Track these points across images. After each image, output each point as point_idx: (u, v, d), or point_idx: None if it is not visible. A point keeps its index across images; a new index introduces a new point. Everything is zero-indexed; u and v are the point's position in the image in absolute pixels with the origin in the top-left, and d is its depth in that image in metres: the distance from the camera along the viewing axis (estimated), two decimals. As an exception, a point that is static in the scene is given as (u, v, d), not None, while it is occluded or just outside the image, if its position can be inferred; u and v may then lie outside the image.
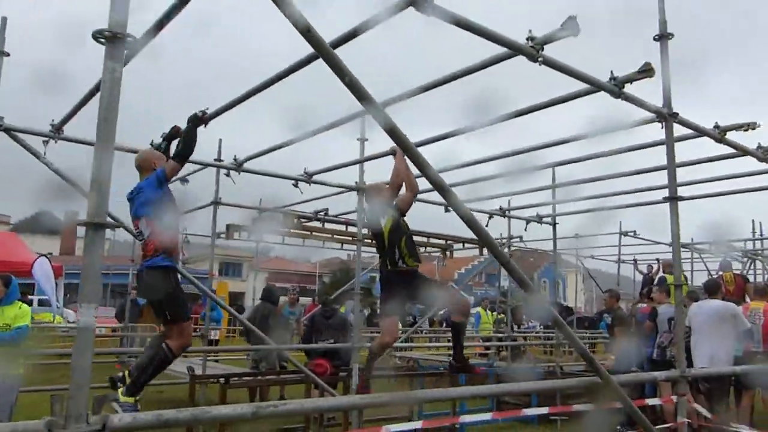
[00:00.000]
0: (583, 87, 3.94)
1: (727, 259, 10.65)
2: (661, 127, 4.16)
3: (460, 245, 10.97)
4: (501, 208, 8.29)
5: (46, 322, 16.31)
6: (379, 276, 5.06)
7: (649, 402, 4.43)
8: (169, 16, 3.15)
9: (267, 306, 9.04)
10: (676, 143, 5.15)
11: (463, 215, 3.03)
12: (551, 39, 3.28)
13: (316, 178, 6.61)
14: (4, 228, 32.40)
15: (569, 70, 3.52)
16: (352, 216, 8.96)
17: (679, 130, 4.75)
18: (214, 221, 7.82)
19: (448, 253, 11.45)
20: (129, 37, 2.13)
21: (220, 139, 6.91)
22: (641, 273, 13.99)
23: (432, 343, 16.25)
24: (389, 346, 5.00)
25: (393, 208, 4.85)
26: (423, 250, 10.74)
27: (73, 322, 21.42)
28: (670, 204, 4.20)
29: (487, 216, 8.18)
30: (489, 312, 14.65)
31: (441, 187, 2.90)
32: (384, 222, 4.85)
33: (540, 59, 3.33)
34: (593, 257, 14.30)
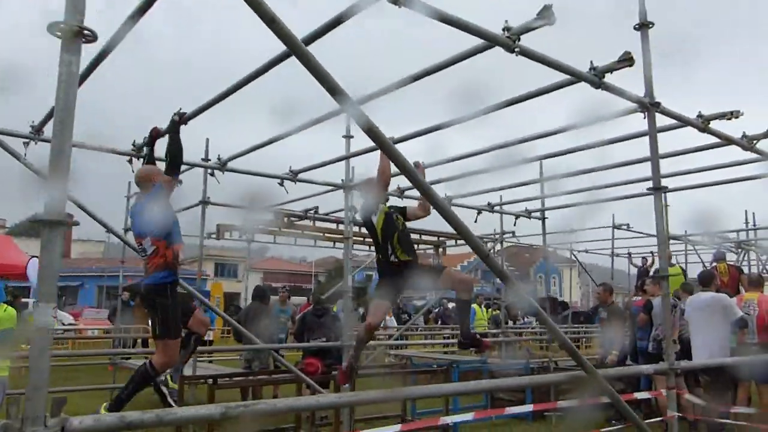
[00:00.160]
0: (564, 78, 3.90)
1: (720, 249, 10.61)
2: (644, 117, 4.12)
3: (453, 242, 10.91)
4: (489, 204, 8.24)
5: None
6: (377, 267, 5.07)
7: (638, 396, 4.38)
8: (144, 8, 3.10)
9: (259, 305, 9.05)
10: (664, 134, 5.16)
11: (441, 210, 3.01)
12: (527, 29, 3.24)
13: (302, 176, 6.57)
14: (-1, 232, 32.24)
15: (547, 60, 3.47)
16: (342, 214, 8.91)
17: (664, 121, 4.76)
18: (203, 221, 7.75)
19: (441, 250, 11.40)
20: (86, 30, 2.08)
21: (207, 139, 6.84)
22: (636, 266, 13.95)
23: (427, 341, 16.23)
24: (374, 328, 4.98)
25: (401, 213, 4.97)
26: (416, 247, 10.68)
27: (69, 325, 21.35)
28: (654, 194, 4.16)
29: (475, 211, 8.12)
30: (484, 308, 14.62)
31: (420, 185, 2.87)
32: (376, 218, 4.86)
33: (516, 49, 3.29)
34: (587, 251, 14.26)
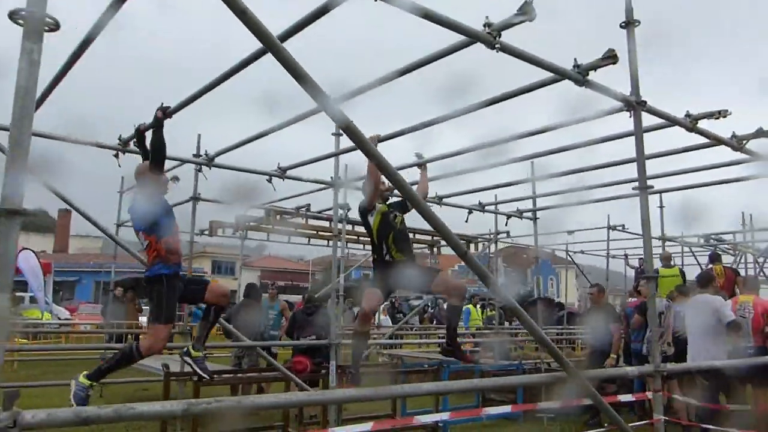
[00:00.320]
0: (548, 75, 3.86)
1: (716, 251, 10.55)
2: (630, 116, 4.08)
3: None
4: (480, 203, 8.18)
5: (33, 319, 16.15)
6: (372, 264, 5.13)
7: (621, 398, 4.33)
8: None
9: (250, 302, 9.04)
10: (658, 133, 5.12)
11: (419, 207, 2.99)
12: (508, 25, 3.20)
13: (291, 173, 6.53)
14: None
15: (529, 57, 3.43)
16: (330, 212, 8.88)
17: (654, 120, 4.72)
18: (193, 217, 7.73)
19: (436, 249, 11.36)
20: (49, 18, 2.05)
21: (199, 135, 6.82)
22: (632, 267, 13.88)
23: (422, 340, 16.18)
24: (370, 315, 4.98)
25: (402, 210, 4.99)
26: (411, 245, 10.62)
27: (65, 320, 21.33)
28: (640, 194, 4.13)
29: (466, 211, 8.07)
30: (479, 308, 14.59)
31: (400, 185, 2.85)
32: (372, 218, 4.89)
33: (497, 46, 3.25)
34: (583, 252, 14.21)
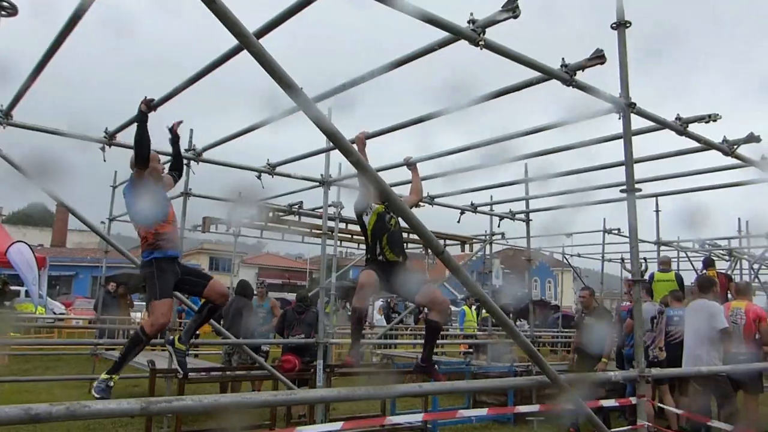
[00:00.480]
0: (536, 75, 3.80)
1: (711, 257, 10.47)
2: (619, 118, 4.01)
3: (441, 242, 10.79)
4: (472, 204, 8.12)
5: (27, 313, 16.07)
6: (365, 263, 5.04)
7: (603, 403, 4.28)
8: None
9: (242, 300, 8.98)
10: (654, 138, 5.05)
11: (395, 205, 2.97)
12: (492, 22, 3.14)
13: (280, 170, 6.47)
14: (-5, 220, 32.22)
15: (514, 55, 3.37)
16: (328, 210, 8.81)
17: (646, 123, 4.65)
18: (184, 213, 7.66)
19: (430, 250, 11.27)
20: (5, 3, 2.00)
21: (191, 129, 6.77)
22: (629, 271, 13.81)
23: (418, 341, 16.07)
24: (366, 292, 4.81)
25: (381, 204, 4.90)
26: (405, 246, 10.54)
27: (60, 314, 21.27)
28: (627, 197, 4.08)
29: (458, 212, 8.01)
30: (474, 310, 14.50)
31: (381, 187, 2.80)
32: (368, 218, 4.87)
33: (481, 43, 3.19)
34: (579, 255, 14.14)
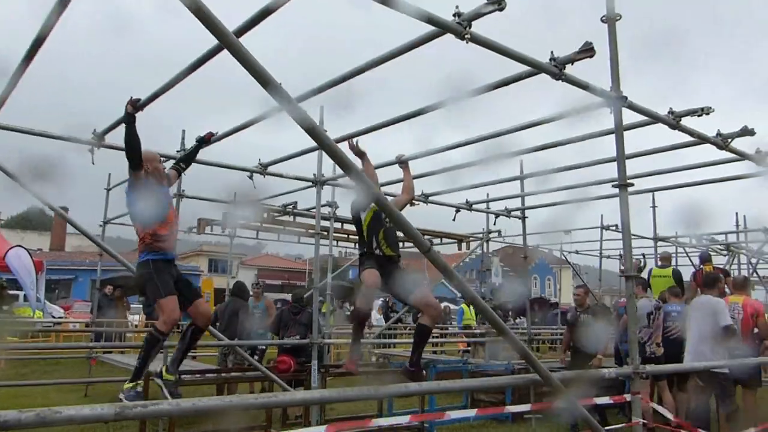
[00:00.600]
0: (525, 69, 3.75)
1: (707, 252, 10.41)
2: (610, 112, 3.95)
3: (438, 240, 10.75)
4: (467, 201, 8.05)
5: (25, 317, 16.01)
6: (359, 260, 4.98)
7: (597, 401, 4.22)
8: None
9: (237, 301, 8.95)
10: (645, 131, 4.99)
11: (380, 203, 2.95)
12: (478, 14, 3.08)
13: (272, 169, 6.42)
14: (-6, 224, 32.19)
15: (501, 49, 3.31)
16: (324, 209, 8.75)
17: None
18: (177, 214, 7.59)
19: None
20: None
21: (183, 130, 6.73)
22: (621, 269, 13.76)
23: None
24: (372, 293, 4.74)
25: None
26: (402, 245, 10.47)
27: (59, 318, 21.20)
28: (620, 191, 4.02)
29: (453, 210, 7.94)
30: (472, 308, 14.43)
31: (361, 179, 2.76)
32: (365, 214, 4.87)
33: (467, 36, 3.13)
34: (578, 252, 14.07)
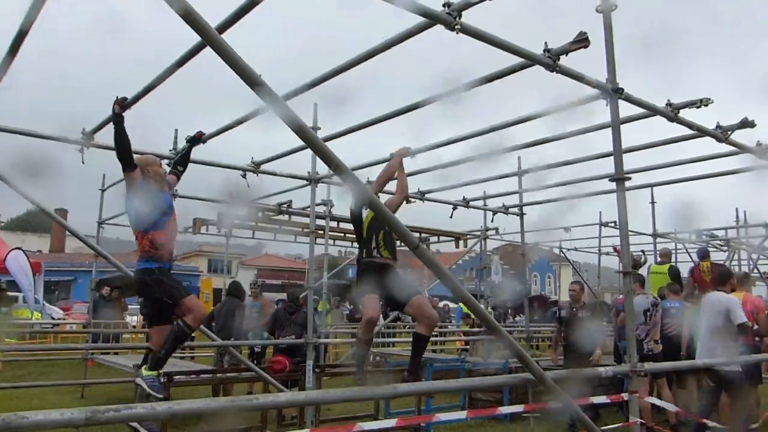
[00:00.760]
0: (519, 61, 3.66)
1: (704, 247, 10.29)
2: (606, 105, 3.87)
3: (435, 238, 10.67)
4: (464, 198, 7.96)
5: (23, 319, 15.93)
6: (356, 266, 5.04)
7: (594, 400, 4.15)
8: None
9: (233, 301, 8.89)
10: (643, 125, 4.90)
11: (369, 203, 2.87)
12: (468, 4, 3.00)
13: (266, 167, 6.33)
14: (-7, 226, 32.14)
15: (492, 40, 3.22)
16: (319, 208, 8.68)
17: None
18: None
19: (424, 247, 11.13)
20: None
21: (176, 130, 6.65)
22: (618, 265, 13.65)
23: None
24: (374, 323, 4.80)
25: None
26: (398, 244, 10.38)
27: (59, 320, 21.11)
28: (616, 185, 3.95)
29: (451, 207, 7.85)
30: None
31: (338, 168, 2.67)
32: (366, 213, 4.86)
33: (457, 27, 3.05)
34: (576, 249, 13.97)
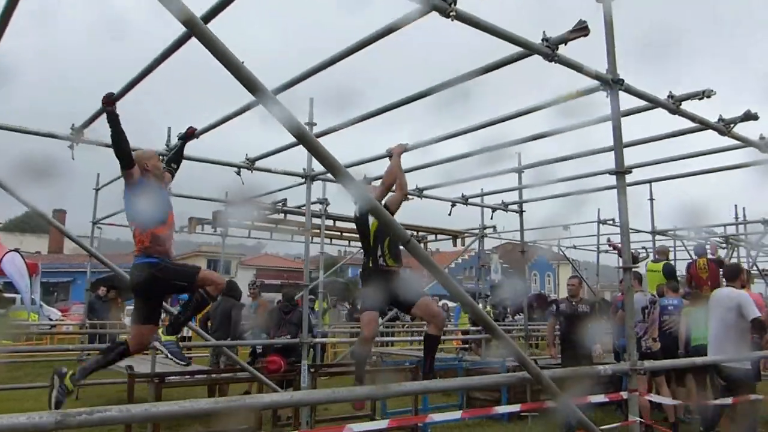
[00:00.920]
0: (516, 51, 3.56)
1: (701, 243, 10.18)
2: (606, 96, 3.77)
3: (433, 237, 10.58)
4: (463, 195, 7.86)
5: (21, 320, 15.86)
6: (360, 273, 5.12)
7: (592, 399, 4.04)
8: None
9: (229, 300, 8.78)
10: (644, 119, 4.80)
11: (361, 201, 2.77)
12: (463, -10, 2.89)
13: (260, 164, 6.23)
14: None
15: (489, 28, 3.11)
16: (314, 207, 8.57)
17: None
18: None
19: (422, 245, 11.06)
20: None
21: (169, 128, 6.55)
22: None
23: (415, 338, 15.80)
24: (369, 341, 4.88)
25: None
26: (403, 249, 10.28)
27: (58, 321, 21.01)
28: (617, 179, 3.85)
29: (449, 204, 7.75)
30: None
31: (338, 174, 2.57)
32: (372, 221, 4.83)
33: (452, 14, 2.94)
34: (575, 247, 13.88)
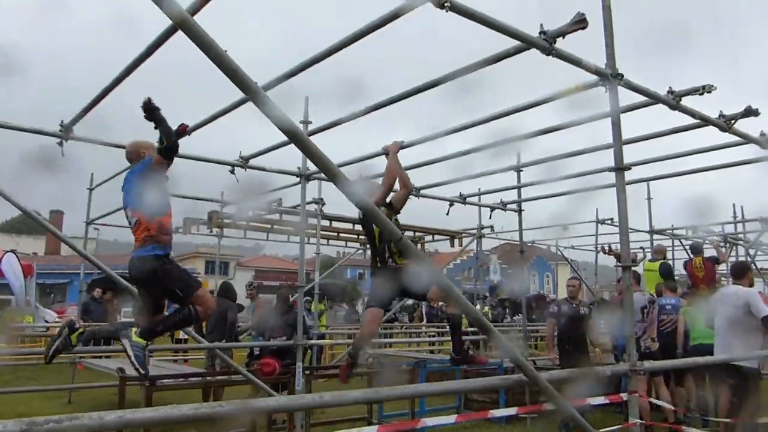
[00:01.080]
0: (514, 44, 3.46)
1: (698, 242, 10.09)
2: (605, 91, 3.68)
3: (430, 237, 10.49)
4: (461, 194, 7.76)
5: (16, 322, 15.71)
6: (369, 272, 5.09)
7: (591, 401, 3.97)
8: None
9: (224, 302, 8.70)
10: (643, 117, 4.71)
11: (355, 200, 2.68)
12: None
13: (254, 162, 6.13)
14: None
15: (484, 20, 3.01)
16: (311, 207, 8.48)
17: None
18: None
19: (420, 246, 10.97)
20: None
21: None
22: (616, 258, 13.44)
23: (413, 339, 15.75)
24: (368, 337, 4.93)
25: (387, 207, 4.78)
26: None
27: (53, 323, 20.85)
28: (616, 176, 3.75)
29: (446, 204, 7.64)
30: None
31: (333, 175, 2.48)
32: None
33: (447, 4, 2.85)
34: (573, 247, 13.78)
